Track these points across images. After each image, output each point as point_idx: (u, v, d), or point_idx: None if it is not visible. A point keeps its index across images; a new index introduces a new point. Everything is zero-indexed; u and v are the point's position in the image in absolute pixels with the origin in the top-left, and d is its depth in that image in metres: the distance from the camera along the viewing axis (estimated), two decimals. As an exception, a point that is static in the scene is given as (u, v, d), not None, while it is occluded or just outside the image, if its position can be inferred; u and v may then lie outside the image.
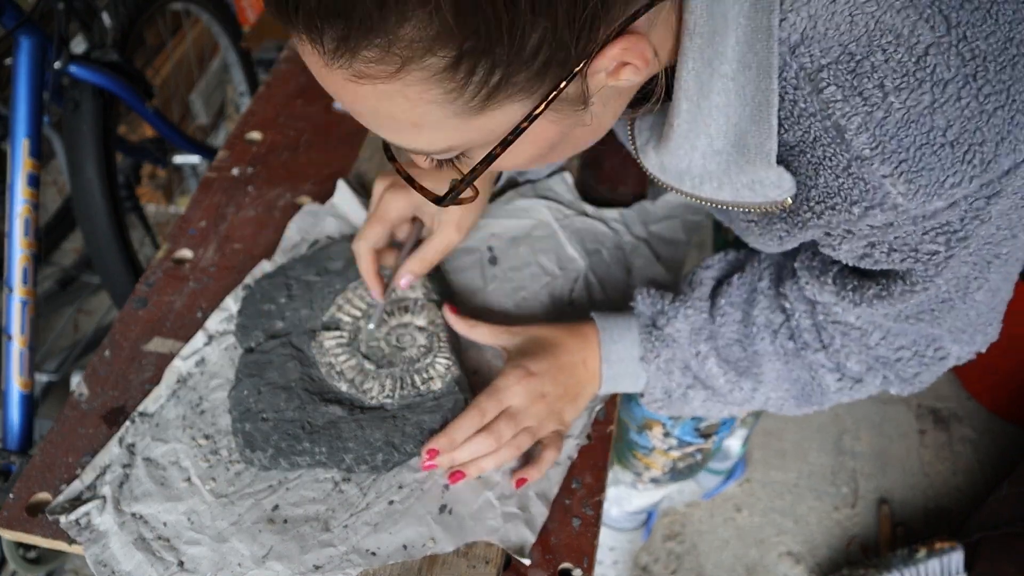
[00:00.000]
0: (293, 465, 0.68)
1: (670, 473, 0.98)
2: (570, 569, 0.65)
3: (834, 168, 0.48)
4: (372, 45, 0.38)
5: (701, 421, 0.87)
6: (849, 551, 1.41)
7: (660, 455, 0.93)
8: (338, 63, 0.40)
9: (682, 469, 0.97)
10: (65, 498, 0.67)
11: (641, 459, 0.96)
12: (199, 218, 0.91)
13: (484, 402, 0.68)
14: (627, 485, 1.07)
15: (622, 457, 1.00)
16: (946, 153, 0.44)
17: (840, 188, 0.49)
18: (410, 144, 0.46)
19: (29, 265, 1.06)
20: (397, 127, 0.44)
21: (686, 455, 0.93)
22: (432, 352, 0.74)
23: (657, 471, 0.97)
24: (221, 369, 0.76)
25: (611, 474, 1.05)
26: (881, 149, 0.45)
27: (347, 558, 0.63)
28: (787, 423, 1.58)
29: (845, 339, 0.65)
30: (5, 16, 1.04)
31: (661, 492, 1.09)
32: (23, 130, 1.06)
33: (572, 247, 0.86)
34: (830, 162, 0.48)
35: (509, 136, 0.44)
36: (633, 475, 1.02)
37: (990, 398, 1.60)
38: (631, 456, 0.97)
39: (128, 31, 1.30)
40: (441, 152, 0.47)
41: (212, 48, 2.07)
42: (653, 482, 1.02)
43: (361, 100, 0.42)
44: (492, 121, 0.43)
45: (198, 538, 0.64)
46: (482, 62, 0.39)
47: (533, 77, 0.41)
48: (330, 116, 1.04)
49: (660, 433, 0.90)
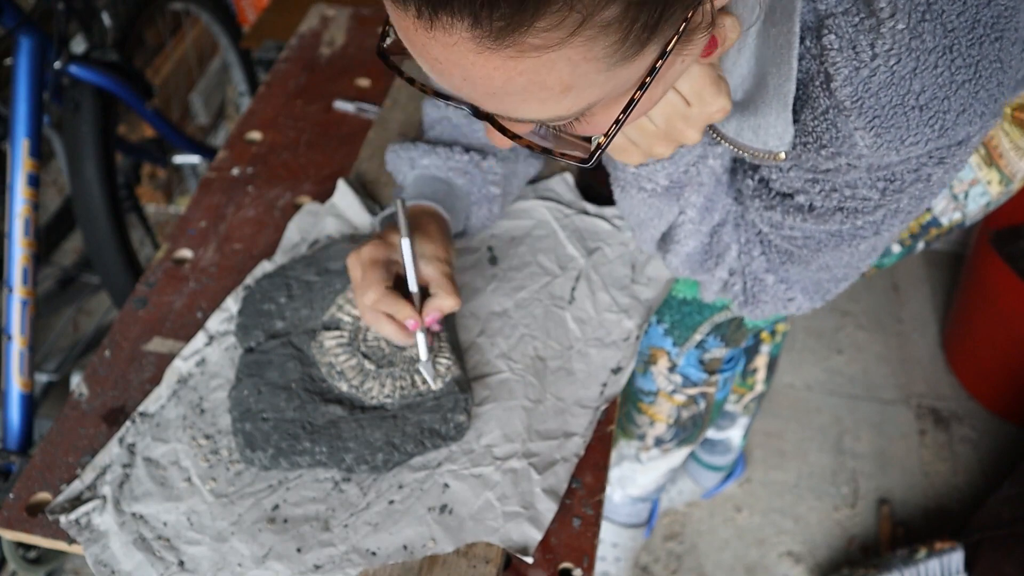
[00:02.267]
0: (293, 465, 0.68)
1: (674, 428, 0.99)
2: (570, 569, 0.65)
3: (814, 109, 0.52)
4: (550, 11, 0.35)
5: (705, 352, 0.90)
6: (849, 551, 1.41)
7: (665, 400, 0.94)
8: (502, 42, 0.36)
9: (686, 421, 0.98)
10: (65, 498, 0.67)
11: (646, 410, 0.97)
12: (199, 218, 0.91)
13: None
14: (631, 459, 1.08)
15: (627, 423, 1.01)
16: (914, 115, 0.48)
17: (814, 129, 0.52)
18: (551, 113, 0.42)
19: (29, 265, 1.06)
20: (546, 96, 0.40)
21: (690, 400, 0.94)
22: (432, 352, 0.74)
23: (662, 424, 0.98)
24: (221, 369, 0.76)
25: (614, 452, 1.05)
26: (860, 104, 0.48)
27: (347, 558, 0.63)
28: (787, 423, 1.59)
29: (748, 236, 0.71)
30: (5, 16, 1.04)
31: (666, 463, 1.10)
32: (23, 130, 1.06)
33: (572, 246, 0.86)
34: (812, 104, 0.51)
35: (647, 79, 0.42)
36: (637, 443, 1.03)
37: (990, 398, 1.60)
38: (635, 413, 0.98)
39: (128, 31, 1.30)
40: (576, 114, 0.43)
41: (212, 48, 2.07)
42: (658, 445, 1.03)
43: (517, 76, 0.38)
44: (635, 67, 0.41)
45: (198, 538, 0.64)
46: (649, 2, 0.37)
47: (682, 11, 0.39)
48: (330, 116, 1.04)
49: (665, 367, 0.92)
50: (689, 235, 0.69)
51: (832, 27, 0.47)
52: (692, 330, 0.90)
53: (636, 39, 0.38)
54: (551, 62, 0.37)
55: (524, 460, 0.69)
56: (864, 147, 0.50)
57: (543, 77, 0.38)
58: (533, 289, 0.83)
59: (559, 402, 0.74)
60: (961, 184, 0.76)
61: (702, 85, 0.52)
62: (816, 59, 0.50)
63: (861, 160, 0.52)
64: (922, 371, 1.69)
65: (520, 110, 0.42)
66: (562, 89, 0.39)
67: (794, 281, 0.70)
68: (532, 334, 0.79)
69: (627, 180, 0.67)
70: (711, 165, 0.65)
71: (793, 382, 1.66)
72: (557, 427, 0.72)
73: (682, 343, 0.91)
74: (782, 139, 0.54)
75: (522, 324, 0.80)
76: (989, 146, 0.73)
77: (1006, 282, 1.43)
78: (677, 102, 0.53)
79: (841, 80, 0.48)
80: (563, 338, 0.79)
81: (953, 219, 0.79)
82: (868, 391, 1.65)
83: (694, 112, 0.53)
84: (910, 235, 0.81)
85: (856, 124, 0.49)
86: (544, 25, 0.35)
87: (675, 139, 0.56)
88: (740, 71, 0.53)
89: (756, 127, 0.54)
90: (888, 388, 1.66)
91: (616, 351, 0.78)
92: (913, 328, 1.77)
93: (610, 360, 0.78)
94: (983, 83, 0.47)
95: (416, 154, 0.79)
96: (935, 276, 1.88)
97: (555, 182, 0.92)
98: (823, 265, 0.66)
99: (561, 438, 0.71)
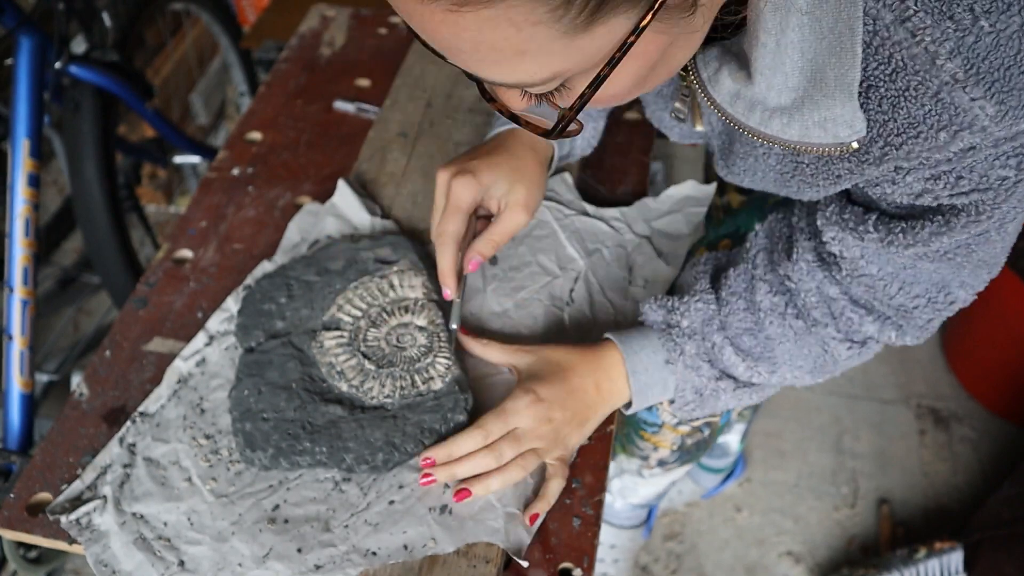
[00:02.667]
0: (293, 465, 0.68)
1: (678, 452, 0.98)
2: (570, 569, 0.65)
3: (919, 97, 0.49)
4: None
5: None
6: (849, 551, 1.41)
7: (669, 431, 0.93)
8: None
9: (690, 447, 0.97)
10: (66, 498, 0.67)
11: (649, 439, 0.96)
12: (199, 218, 0.91)
13: (490, 422, 0.68)
14: (632, 473, 1.07)
15: (628, 443, 1.00)
16: None
17: (926, 116, 0.49)
18: (512, 77, 0.44)
19: (29, 265, 1.06)
20: (499, 58, 0.42)
21: (695, 429, 0.93)
22: (432, 352, 0.74)
23: (666, 450, 0.97)
24: (222, 369, 0.76)
25: (615, 465, 1.05)
26: (975, 71, 0.46)
27: (347, 558, 0.63)
28: (787, 423, 1.59)
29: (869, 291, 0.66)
30: (6, 16, 1.04)
31: (668, 478, 1.09)
32: (23, 130, 1.06)
33: (572, 247, 0.86)
34: (915, 91, 0.49)
35: (617, 54, 0.42)
36: (640, 460, 1.02)
37: (990, 398, 1.60)
38: (638, 439, 0.97)
39: (128, 31, 1.30)
40: (543, 82, 0.44)
41: (212, 48, 2.07)
42: (661, 465, 1.02)
43: (462, 32, 0.40)
44: (598, 40, 0.41)
45: (199, 538, 0.64)
46: None
47: None
48: (330, 116, 1.04)
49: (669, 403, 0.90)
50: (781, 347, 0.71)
51: (916, 6, 0.45)
52: None
53: (584, 6, 0.39)
54: (492, 21, 0.39)
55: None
56: (987, 118, 0.47)
57: (488, 36, 0.40)
58: (533, 289, 0.83)
59: (559, 402, 0.74)
60: None
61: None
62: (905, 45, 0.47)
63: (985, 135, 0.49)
64: (922, 371, 1.69)
65: (487, 71, 0.44)
66: (515, 52, 0.41)
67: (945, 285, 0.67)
68: (532, 334, 0.79)
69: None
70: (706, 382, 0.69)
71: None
72: (557, 427, 0.72)
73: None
74: (852, 128, 0.51)
75: (522, 324, 0.80)
76: None
77: (1006, 282, 1.43)
78: None
79: (947, 53, 0.46)
80: (562, 339, 0.79)
81: None
82: (868, 391, 1.65)
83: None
84: None
85: (974, 94, 0.47)
86: None
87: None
88: (783, 70, 0.50)
89: (822, 122, 0.52)
90: (888, 388, 1.66)
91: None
92: (913, 328, 1.77)
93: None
94: None
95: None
96: (935, 276, 1.88)
97: (555, 181, 0.92)
98: (978, 263, 0.62)
99: (561, 438, 0.71)
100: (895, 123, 0.51)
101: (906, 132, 0.51)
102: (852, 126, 0.51)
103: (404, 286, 0.78)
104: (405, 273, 0.79)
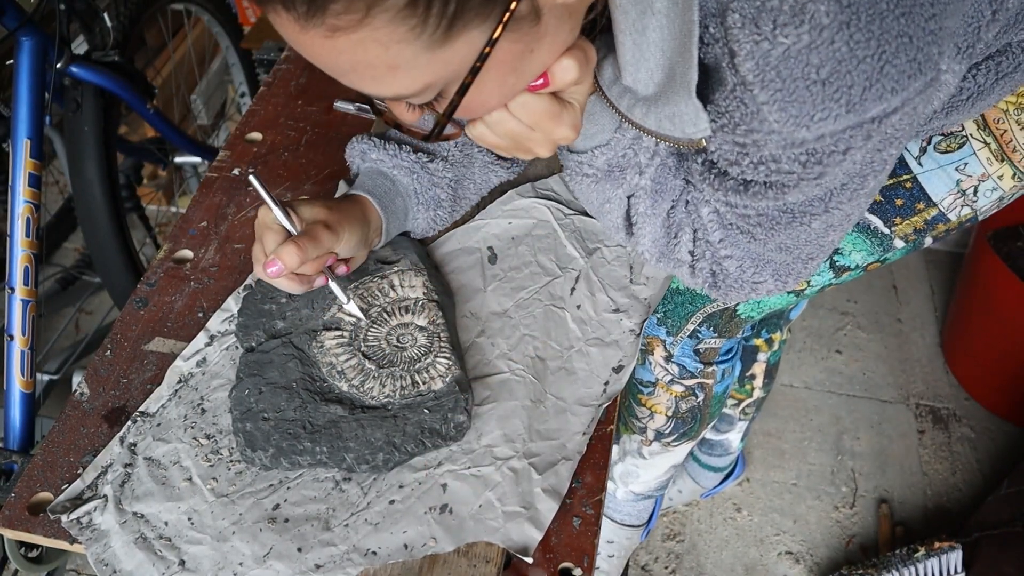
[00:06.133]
0: (294, 465, 0.68)
1: (674, 420, 1.00)
2: (570, 569, 0.65)
3: (724, 90, 0.53)
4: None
5: (699, 342, 0.92)
6: (848, 550, 1.41)
7: (663, 391, 0.96)
8: (312, 22, 0.43)
9: (684, 414, 1.00)
10: (66, 497, 0.67)
11: (645, 402, 0.98)
12: (200, 218, 0.91)
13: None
14: (633, 455, 1.08)
15: (628, 416, 1.01)
16: (817, 90, 0.48)
17: (727, 110, 0.53)
18: (391, 90, 0.49)
19: (31, 265, 1.06)
20: (375, 74, 0.47)
21: (688, 391, 0.96)
22: (432, 352, 0.74)
23: (661, 417, 0.99)
24: (222, 369, 0.76)
25: (616, 449, 1.06)
26: (762, 77, 0.49)
27: (348, 557, 0.63)
28: (786, 423, 1.59)
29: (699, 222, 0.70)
30: (7, 17, 1.05)
31: (668, 460, 1.10)
32: (25, 131, 1.06)
33: (572, 246, 0.86)
34: (723, 85, 0.53)
35: (477, 63, 0.48)
36: (639, 436, 1.03)
37: (989, 398, 1.60)
38: (635, 406, 0.99)
39: (129, 31, 1.30)
40: (419, 93, 0.50)
41: (213, 48, 2.07)
42: (658, 439, 1.03)
43: (338, 55, 0.45)
44: (459, 52, 0.47)
45: (199, 537, 0.64)
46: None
47: (485, 1, 0.45)
48: (330, 116, 1.04)
49: (661, 357, 0.94)
50: (645, 220, 0.70)
51: (736, 8, 0.48)
52: (685, 320, 0.91)
53: (437, 23, 0.44)
54: (362, 43, 0.44)
55: (524, 460, 0.69)
56: (773, 122, 0.51)
57: (361, 56, 0.45)
58: (533, 289, 0.83)
59: (559, 402, 0.74)
60: (970, 179, 0.76)
61: (538, 118, 0.57)
62: (721, 43, 0.51)
63: (773, 136, 0.53)
64: (921, 371, 1.69)
65: (369, 87, 0.49)
66: (387, 68, 0.46)
67: (761, 263, 0.70)
68: (532, 334, 0.79)
69: (570, 167, 0.70)
70: (647, 145, 0.66)
71: (792, 382, 1.67)
72: (558, 427, 0.72)
73: (676, 333, 0.93)
74: (697, 125, 0.55)
75: (522, 324, 0.80)
76: (1002, 140, 0.73)
77: (1005, 282, 1.43)
78: (518, 126, 0.58)
79: (743, 55, 0.49)
80: (563, 338, 0.79)
81: (963, 214, 0.79)
82: (867, 391, 1.65)
83: (537, 136, 0.59)
84: (915, 231, 0.81)
85: (762, 98, 0.50)
86: (339, 8, 0.42)
87: (527, 149, 0.61)
88: (647, 66, 0.54)
89: (671, 116, 0.55)
90: (887, 388, 1.66)
91: (617, 350, 0.79)
92: (912, 328, 1.77)
93: (612, 359, 0.78)
94: (888, 59, 0.47)
95: (367, 147, 0.81)
96: (934, 276, 1.88)
97: (554, 181, 0.92)
98: (782, 245, 0.66)
99: (562, 437, 0.72)
100: (712, 107, 0.55)
101: (716, 120, 0.55)
102: (696, 124, 0.55)
103: (404, 286, 0.79)
104: (405, 273, 0.79)
